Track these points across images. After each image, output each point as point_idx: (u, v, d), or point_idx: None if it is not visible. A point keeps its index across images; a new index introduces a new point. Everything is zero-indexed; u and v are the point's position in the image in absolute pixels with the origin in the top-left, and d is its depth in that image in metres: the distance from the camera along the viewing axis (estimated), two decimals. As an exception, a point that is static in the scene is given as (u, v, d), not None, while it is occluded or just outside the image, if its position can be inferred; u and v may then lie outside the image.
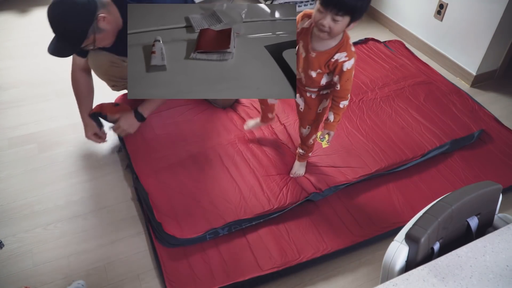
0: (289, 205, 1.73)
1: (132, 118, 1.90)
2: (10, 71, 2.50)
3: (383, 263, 0.96)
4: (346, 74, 1.43)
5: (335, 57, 1.41)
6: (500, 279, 0.84)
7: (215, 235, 1.61)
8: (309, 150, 1.84)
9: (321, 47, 1.43)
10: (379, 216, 1.72)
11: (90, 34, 1.59)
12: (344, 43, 1.41)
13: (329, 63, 1.43)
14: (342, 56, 1.41)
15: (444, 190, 1.78)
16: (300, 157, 1.87)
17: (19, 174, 1.88)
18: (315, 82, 1.52)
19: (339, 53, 1.41)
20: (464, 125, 2.17)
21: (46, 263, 1.55)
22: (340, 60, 1.41)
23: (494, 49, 2.43)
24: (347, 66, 1.42)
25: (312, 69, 1.48)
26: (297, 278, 1.54)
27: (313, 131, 1.74)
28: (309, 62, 1.48)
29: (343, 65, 1.41)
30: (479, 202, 1.02)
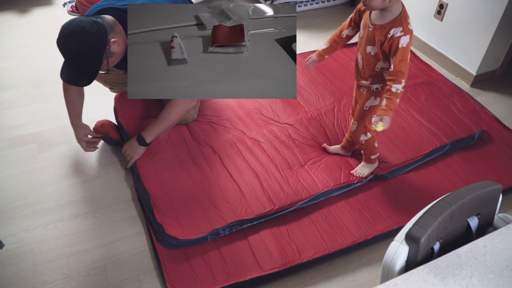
0: (290, 206, 1.73)
1: (135, 143, 1.87)
2: (10, 71, 2.50)
3: (383, 263, 0.96)
4: (400, 52, 1.42)
5: (390, 32, 1.43)
6: (500, 279, 0.84)
7: (216, 236, 1.61)
8: (369, 150, 1.81)
9: (378, 20, 1.46)
10: (379, 216, 1.72)
11: (104, 60, 1.57)
12: (401, 19, 1.43)
13: (384, 40, 1.45)
14: (397, 31, 1.42)
15: (444, 190, 1.78)
16: (364, 158, 1.85)
17: (19, 174, 1.88)
18: (370, 64, 1.54)
19: (394, 28, 1.42)
20: (465, 126, 2.17)
21: (46, 263, 1.55)
22: (396, 35, 1.42)
23: (494, 49, 2.43)
24: (402, 42, 1.42)
25: (370, 43, 1.51)
26: (298, 278, 1.54)
27: (360, 129, 1.72)
28: (368, 37, 1.51)
29: (399, 41, 1.42)
30: (479, 202, 1.02)
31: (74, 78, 1.59)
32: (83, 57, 1.52)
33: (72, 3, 3.15)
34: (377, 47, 1.49)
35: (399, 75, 1.45)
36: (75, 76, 1.58)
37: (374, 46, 1.50)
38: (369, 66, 1.56)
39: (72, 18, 1.55)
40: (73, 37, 1.49)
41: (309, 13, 3.24)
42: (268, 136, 2.06)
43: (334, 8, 3.31)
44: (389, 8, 1.42)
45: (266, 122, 2.15)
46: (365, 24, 1.53)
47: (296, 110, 2.23)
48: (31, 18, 3.07)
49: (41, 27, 2.96)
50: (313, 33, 3.00)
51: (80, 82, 1.61)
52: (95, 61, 1.55)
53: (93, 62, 1.55)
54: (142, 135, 1.86)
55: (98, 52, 1.54)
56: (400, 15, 1.43)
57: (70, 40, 1.50)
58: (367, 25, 1.50)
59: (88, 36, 1.49)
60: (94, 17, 1.55)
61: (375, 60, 1.53)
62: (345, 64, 2.60)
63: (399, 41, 1.42)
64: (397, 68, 1.44)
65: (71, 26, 1.50)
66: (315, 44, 2.83)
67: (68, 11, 3.14)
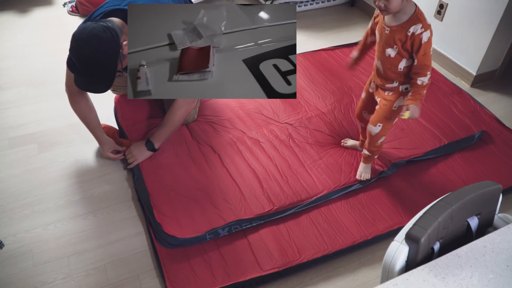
0: (290, 206, 1.73)
1: (143, 148, 1.88)
2: (10, 71, 2.50)
3: (383, 263, 0.96)
4: (423, 47, 1.45)
5: (410, 30, 1.44)
6: (500, 279, 0.84)
7: (215, 235, 1.61)
8: (378, 151, 1.80)
9: (393, 22, 1.48)
10: (379, 216, 1.72)
11: (118, 64, 1.56)
12: (417, 16, 1.44)
13: (406, 39, 1.46)
14: (417, 28, 1.43)
15: (444, 190, 1.78)
16: (365, 158, 1.83)
17: (19, 174, 1.88)
18: (393, 66, 1.54)
19: (414, 26, 1.44)
20: (465, 126, 2.17)
21: (46, 263, 1.55)
22: (417, 32, 1.43)
23: (494, 49, 2.43)
24: (424, 38, 1.44)
25: (389, 45, 1.52)
26: (298, 278, 1.54)
27: (383, 131, 1.70)
28: (385, 41, 1.52)
29: (421, 37, 1.44)
30: (479, 202, 1.02)
31: (91, 85, 1.56)
32: (99, 64, 1.50)
33: (72, 3, 3.15)
34: (398, 47, 1.50)
35: (424, 68, 1.48)
36: (91, 83, 1.55)
37: (394, 48, 1.51)
38: (392, 69, 1.56)
39: (82, 26, 1.51)
40: (88, 46, 1.46)
41: (309, 13, 3.24)
42: (268, 136, 2.06)
43: (334, 8, 3.31)
44: (403, 9, 1.43)
45: (266, 122, 2.15)
46: (380, 29, 1.54)
47: (296, 110, 2.23)
48: (31, 18, 3.07)
49: (41, 27, 2.96)
50: (313, 33, 3.00)
51: (98, 89, 1.57)
52: (111, 66, 1.53)
53: (109, 68, 1.53)
54: (151, 140, 1.88)
55: (114, 57, 1.52)
56: (415, 12, 1.45)
57: (85, 49, 1.47)
58: (383, 28, 1.52)
59: (103, 43, 1.47)
60: (103, 21, 1.52)
61: (397, 60, 1.53)
62: (345, 64, 2.60)
63: (421, 37, 1.44)
64: (421, 62, 1.47)
65: (84, 35, 1.47)
66: (315, 44, 2.83)
67: (68, 11, 3.14)
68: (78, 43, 1.48)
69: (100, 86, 1.56)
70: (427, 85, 1.51)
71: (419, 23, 1.44)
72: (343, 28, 3.07)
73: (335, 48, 2.74)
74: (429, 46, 1.46)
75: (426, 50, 1.46)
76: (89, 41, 1.46)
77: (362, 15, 3.25)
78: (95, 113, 1.88)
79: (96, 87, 1.56)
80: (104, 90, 1.57)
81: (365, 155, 1.82)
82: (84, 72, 1.52)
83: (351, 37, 2.92)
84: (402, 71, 1.55)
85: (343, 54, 2.69)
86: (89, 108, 1.85)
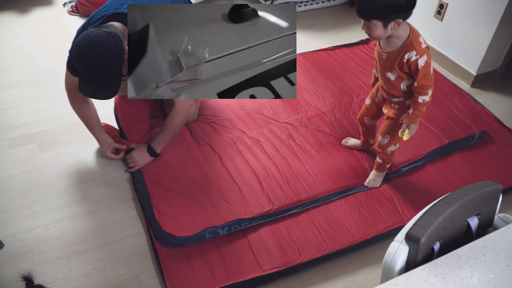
0: (289, 206, 1.73)
1: (145, 153, 1.88)
2: (10, 71, 2.50)
3: (383, 263, 0.96)
4: (421, 71, 1.44)
5: (405, 57, 1.43)
6: (500, 279, 0.83)
7: (214, 235, 1.61)
8: (389, 160, 1.79)
9: (388, 47, 1.47)
10: (379, 216, 1.72)
11: (123, 68, 1.55)
12: (411, 42, 1.42)
13: (402, 64, 1.46)
14: (412, 55, 1.42)
15: (444, 190, 1.78)
16: (378, 167, 1.82)
17: (19, 174, 1.88)
18: (395, 87, 1.55)
19: (408, 53, 1.43)
20: (465, 126, 2.17)
21: (46, 263, 1.55)
22: (412, 59, 1.43)
23: (494, 49, 2.43)
24: (420, 63, 1.43)
25: (388, 70, 1.52)
26: (298, 278, 1.54)
27: (392, 140, 1.70)
28: (384, 65, 1.53)
29: (417, 64, 1.43)
30: (479, 202, 1.02)
31: (97, 92, 1.55)
32: (105, 71, 1.49)
33: (72, 3, 3.15)
34: (396, 70, 1.49)
35: (424, 88, 1.48)
36: (97, 90, 1.54)
37: (393, 72, 1.51)
38: (395, 88, 1.56)
39: (85, 34, 1.49)
40: (93, 54, 1.45)
41: (309, 13, 3.24)
42: (268, 135, 2.06)
43: (334, 8, 3.31)
44: (394, 34, 1.41)
45: (266, 122, 2.15)
46: (378, 53, 1.54)
47: (296, 109, 2.23)
48: (31, 18, 3.07)
49: (41, 27, 2.96)
50: (313, 33, 3.00)
51: (104, 96, 1.56)
52: (116, 72, 1.52)
53: (115, 74, 1.52)
54: (152, 146, 1.87)
55: (119, 63, 1.51)
56: (409, 38, 1.42)
57: (90, 57, 1.45)
58: (380, 53, 1.52)
59: (108, 50, 1.46)
60: (105, 27, 1.51)
61: (398, 82, 1.53)
62: (345, 64, 2.60)
63: (417, 63, 1.43)
64: (421, 84, 1.47)
65: (87, 43, 1.45)
66: (315, 44, 2.83)
67: (68, 11, 3.14)
68: (82, 51, 1.46)
69: (107, 93, 1.55)
70: (428, 102, 1.50)
71: (412, 50, 1.42)
72: (343, 28, 3.06)
73: (335, 48, 2.74)
74: (428, 68, 1.45)
75: (425, 72, 1.44)
76: (93, 49, 1.44)
77: (362, 15, 3.25)
78: (95, 111, 1.88)
79: (102, 94, 1.55)
80: (110, 96, 1.56)
81: (377, 162, 1.82)
82: (90, 79, 1.51)
83: (351, 37, 2.92)
84: (406, 89, 1.55)
85: (343, 54, 2.69)
86: (88, 107, 1.85)
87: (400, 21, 1.35)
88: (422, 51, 1.42)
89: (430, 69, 1.46)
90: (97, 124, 1.89)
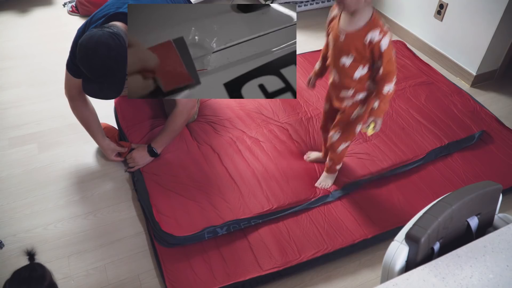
0: (289, 206, 1.73)
1: (145, 153, 1.87)
2: (10, 71, 2.50)
3: (383, 263, 0.96)
4: (385, 54, 1.36)
5: (367, 38, 1.34)
6: (500, 279, 0.83)
7: (214, 234, 1.61)
8: (338, 160, 1.74)
9: (349, 27, 1.37)
10: (379, 216, 1.72)
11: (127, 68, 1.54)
12: (374, 22, 1.35)
13: (363, 47, 1.37)
14: (375, 34, 1.33)
15: (445, 190, 1.78)
16: (328, 168, 1.78)
17: (19, 174, 1.88)
18: (348, 75, 1.46)
19: (371, 32, 1.34)
20: (465, 126, 2.17)
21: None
22: (375, 40, 1.34)
23: (494, 49, 2.43)
24: (384, 44, 1.34)
25: (344, 53, 1.41)
26: (298, 278, 1.54)
27: (343, 138, 1.65)
28: (340, 48, 1.42)
29: (380, 45, 1.34)
30: (479, 202, 1.02)
31: (101, 92, 1.54)
32: (110, 71, 1.49)
33: (72, 3, 3.15)
34: (354, 54, 1.40)
35: (389, 75, 1.40)
36: (102, 90, 1.53)
37: (349, 56, 1.41)
38: (347, 79, 1.47)
39: (89, 35, 1.48)
40: (98, 54, 1.44)
41: (309, 13, 3.24)
42: (268, 135, 2.06)
43: (334, 8, 3.31)
44: (360, 11, 1.33)
45: (266, 122, 2.15)
46: (335, 35, 1.43)
47: (296, 110, 2.23)
48: (31, 18, 3.06)
49: (41, 27, 2.96)
50: (313, 33, 3.00)
51: (109, 95, 1.56)
52: (121, 72, 1.52)
53: (119, 74, 1.52)
54: (153, 146, 1.87)
55: (123, 63, 1.51)
56: (372, 17, 1.35)
57: (95, 58, 1.45)
58: (337, 35, 1.42)
59: (112, 50, 1.46)
60: (108, 27, 1.51)
61: (353, 69, 1.44)
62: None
63: (380, 45, 1.35)
64: (386, 69, 1.39)
65: (92, 44, 1.45)
66: (315, 44, 2.83)
67: (68, 11, 3.14)
68: (87, 53, 1.46)
69: (111, 93, 1.55)
70: (392, 94, 1.43)
71: (377, 28, 1.34)
72: (343, 28, 3.06)
73: (335, 48, 2.73)
74: (391, 51, 1.37)
75: (389, 55, 1.37)
76: (98, 49, 1.44)
77: (362, 15, 3.24)
78: (96, 117, 1.87)
79: (107, 94, 1.55)
80: (115, 96, 1.56)
81: (327, 163, 1.77)
82: (94, 80, 1.51)
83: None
84: (358, 80, 1.47)
85: (343, 54, 2.69)
86: (90, 113, 1.85)
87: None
88: (385, 31, 1.35)
89: (392, 52, 1.37)
90: (99, 130, 1.89)
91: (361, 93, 1.52)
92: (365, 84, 1.49)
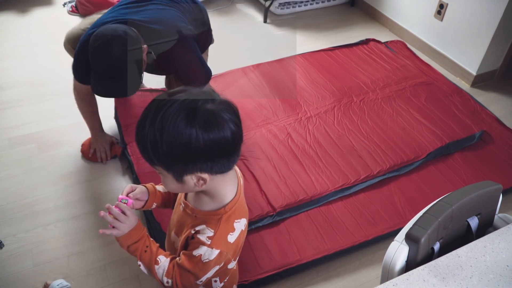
0: (286, 207, 1.73)
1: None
2: (10, 71, 2.50)
3: (383, 263, 0.96)
4: (194, 261, 0.93)
5: (197, 228, 0.93)
6: (500, 279, 0.83)
7: (215, 235, 1.60)
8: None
9: (192, 201, 0.99)
10: (379, 217, 1.72)
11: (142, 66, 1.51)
12: (220, 220, 0.93)
13: (188, 237, 0.96)
14: (205, 233, 0.92)
15: (445, 190, 1.78)
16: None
17: (19, 174, 1.88)
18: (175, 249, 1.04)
19: (204, 225, 0.93)
20: (465, 126, 2.17)
21: (46, 263, 1.55)
22: (200, 237, 0.92)
23: (494, 49, 2.43)
24: (201, 252, 0.91)
25: (179, 229, 1.01)
26: (298, 279, 1.54)
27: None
28: (179, 219, 1.02)
29: (198, 247, 0.92)
30: (479, 202, 1.02)
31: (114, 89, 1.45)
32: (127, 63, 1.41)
33: (72, 3, 3.15)
34: (182, 239, 0.98)
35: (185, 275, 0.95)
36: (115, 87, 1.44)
37: (179, 237, 1.00)
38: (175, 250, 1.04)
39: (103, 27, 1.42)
40: (117, 42, 1.36)
41: (309, 13, 3.24)
42: (267, 135, 2.06)
43: (334, 8, 3.31)
44: (200, 196, 0.95)
45: (265, 122, 2.14)
46: (178, 199, 1.06)
47: (296, 110, 2.23)
48: (31, 18, 3.06)
49: (41, 27, 2.96)
50: (313, 33, 3.00)
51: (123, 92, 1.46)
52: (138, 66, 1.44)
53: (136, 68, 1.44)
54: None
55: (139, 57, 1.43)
56: (224, 208, 0.93)
57: (114, 45, 1.36)
58: (179, 202, 1.04)
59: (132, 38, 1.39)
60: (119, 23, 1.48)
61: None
62: (345, 64, 2.60)
63: (198, 248, 0.92)
64: (183, 267, 0.94)
65: (108, 32, 1.38)
66: (315, 44, 2.83)
67: (68, 11, 3.14)
68: (106, 39, 1.38)
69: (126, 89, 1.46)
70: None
71: (213, 227, 0.92)
72: (343, 28, 3.06)
73: (335, 49, 2.74)
74: (204, 270, 0.94)
75: (197, 260, 0.92)
76: (116, 37, 1.37)
77: (362, 15, 3.25)
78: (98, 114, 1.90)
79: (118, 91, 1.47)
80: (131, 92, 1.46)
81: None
82: (108, 74, 1.43)
83: (351, 37, 2.92)
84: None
85: (343, 55, 2.69)
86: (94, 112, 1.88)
87: (203, 176, 0.86)
88: (220, 243, 0.92)
89: (211, 267, 0.93)
90: (97, 124, 1.91)
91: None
92: None
